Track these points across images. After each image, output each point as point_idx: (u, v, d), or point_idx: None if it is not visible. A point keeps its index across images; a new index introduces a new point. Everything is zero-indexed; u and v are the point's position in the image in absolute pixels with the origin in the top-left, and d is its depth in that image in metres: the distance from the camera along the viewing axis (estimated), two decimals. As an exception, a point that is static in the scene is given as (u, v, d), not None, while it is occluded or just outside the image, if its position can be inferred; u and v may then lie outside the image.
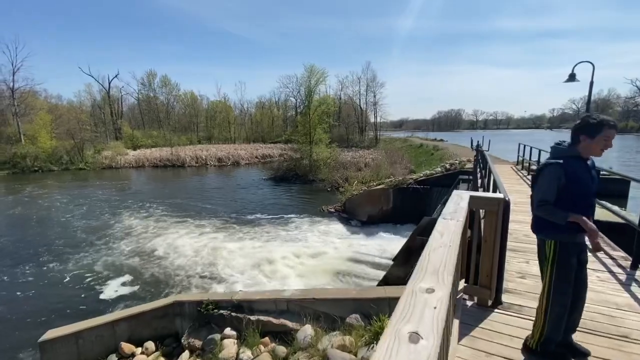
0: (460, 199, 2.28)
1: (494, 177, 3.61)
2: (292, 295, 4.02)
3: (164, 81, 62.48)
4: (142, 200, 19.98)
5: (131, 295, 8.63)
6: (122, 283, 9.32)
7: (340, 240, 12.35)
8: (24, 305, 8.13)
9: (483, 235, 2.46)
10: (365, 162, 29.51)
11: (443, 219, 1.89)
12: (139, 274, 9.77)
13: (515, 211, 4.87)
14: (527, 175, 9.96)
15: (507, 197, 2.44)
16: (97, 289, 8.98)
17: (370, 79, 52.73)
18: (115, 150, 40.65)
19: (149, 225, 14.75)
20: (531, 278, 3.11)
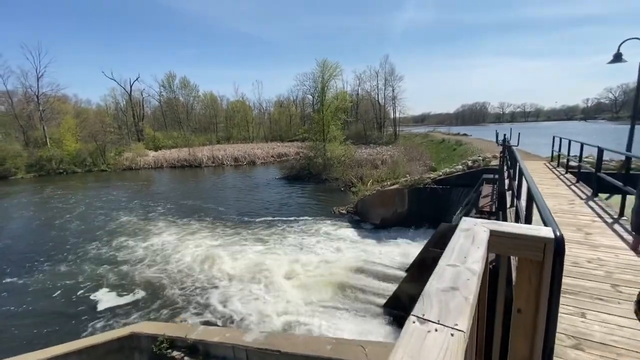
0: (471, 241, 1.25)
1: (530, 187, 2.51)
2: (255, 342, 3.11)
3: (183, 83, 63.56)
4: (152, 202, 19.81)
5: (126, 307, 8.07)
6: (117, 293, 8.81)
7: (349, 247, 11.32)
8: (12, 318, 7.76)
9: (515, 302, 1.42)
10: (382, 160, 28.21)
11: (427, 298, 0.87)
12: (134, 284, 9.23)
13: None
14: (564, 174, 8.51)
15: (559, 233, 1.36)
16: (90, 300, 8.50)
17: (388, 73, 50.93)
18: (135, 152, 41.50)
19: (149, 228, 14.35)
20: (593, 348, 1.99)
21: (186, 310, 7.66)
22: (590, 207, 5.33)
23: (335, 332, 6.51)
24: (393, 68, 50.87)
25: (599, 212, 4.93)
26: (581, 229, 4.10)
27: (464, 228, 1.39)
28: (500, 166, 6.96)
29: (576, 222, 4.41)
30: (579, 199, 5.85)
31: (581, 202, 5.56)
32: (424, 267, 6.70)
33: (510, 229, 1.36)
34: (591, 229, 4.21)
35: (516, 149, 6.07)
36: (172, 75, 61.58)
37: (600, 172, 5.65)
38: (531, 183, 2.67)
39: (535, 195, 2.26)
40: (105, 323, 7.41)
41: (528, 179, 2.89)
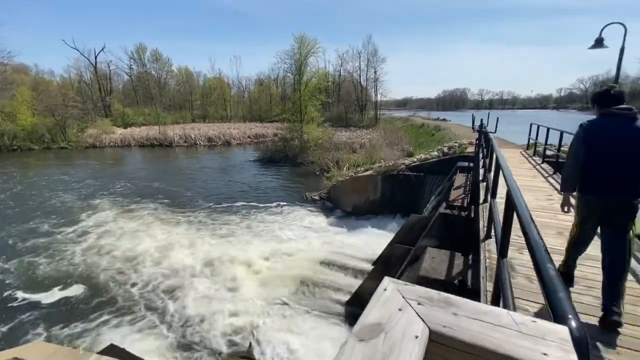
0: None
1: (514, 199, 1.79)
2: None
3: (155, 55, 59.44)
4: (110, 183, 18.32)
5: (42, 309, 7.11)
6: (60, 289, 7.81)
7: (318, 236, 10.69)
8: None
9: None
10: (361, 144, 27.55)
11: None
12: (65, 278, 8.23)
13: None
14: (540, 164, 8.10)
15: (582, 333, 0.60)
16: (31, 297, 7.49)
17: (371, 54, 49.62)
18: (101, 129, 38.75)
19: (106, 215, 13.14)
20: None
21: (118, 313, 6.82)
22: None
23: (290, 337, 5.91)
24: (376, 49, 49.62)
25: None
26: (562, 232, 3.55)
27: (372, 322, 0.64)
28: (475, 154, 6.39)
29: (556, 224, 3.86)
30: (558, 193, 5.37)
31: (560, 198, 5.07)
32: (388, 264, 6.14)
33: (477, 331, 0.62)
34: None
35: (494, 136, 5.45)
36: (142, 47, 57.39)
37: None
38: (512, 187, 1.97)
39: (522, 214, 1.55)
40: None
41: (509, 182, 2.19)
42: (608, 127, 2.39)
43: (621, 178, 2.31)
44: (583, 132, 2.46)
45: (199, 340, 6.05)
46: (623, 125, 2.33)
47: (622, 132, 2.33)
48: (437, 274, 3.05)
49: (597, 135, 2.40)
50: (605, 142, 2.37)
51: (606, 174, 2.35)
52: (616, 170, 2.33)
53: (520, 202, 1.77)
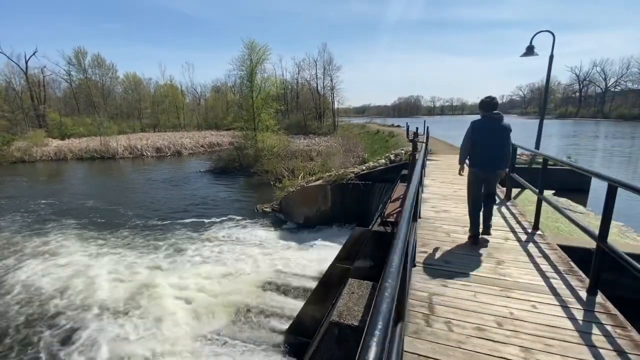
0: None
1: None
2: None
3: (96, 61, 55.20)
4: (31, 203, 16.06)
5: None
6: None
7: (265, 253, 9.95)
8: None
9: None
10: (318, 151, 27.27)
11: None
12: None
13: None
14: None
15: None
16: None
17: (327, 62, 50.02)
18: (32, 141, 34.69)
19: (17, 239, 11.30)
20: None
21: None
22: (503, 215, 4.68)
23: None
24: (331, 57, 50.45)
25: (512, 224, 4.28)
26: (492, 255, 3.29)
27: None
28: (410, 166, 6.16)
29: (489, 245, 3.65)
30: (493, 203, 5.26)
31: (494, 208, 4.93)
32: (329, 284, 5.61)
33: None
34: (503, 253, 3.44)
35: (425, 143, 5.32)
36: (82, 51, 52.97)
37: (513, 174, 5.06)
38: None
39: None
40: None
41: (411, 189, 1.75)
42: (486, 124, 3.70)
43: (492, 157, 3.67)
44: (471, 127, 3.77)
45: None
46: (494, 124, 3.67)
47: (493, 127, 3.66)
48: (352, 318, 2.53)
49: (479, 129, 3.71)
50: (483, 134, 3.69)
51: (484, 154, 3.70)
52: (489, 151, 3.66)
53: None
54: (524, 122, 62.74)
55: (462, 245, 3.81)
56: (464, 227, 4.25)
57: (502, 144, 3.63)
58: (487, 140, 3.64)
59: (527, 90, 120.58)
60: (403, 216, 1.74)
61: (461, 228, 4.30)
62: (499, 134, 3.61)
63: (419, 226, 4.37)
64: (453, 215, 4.77)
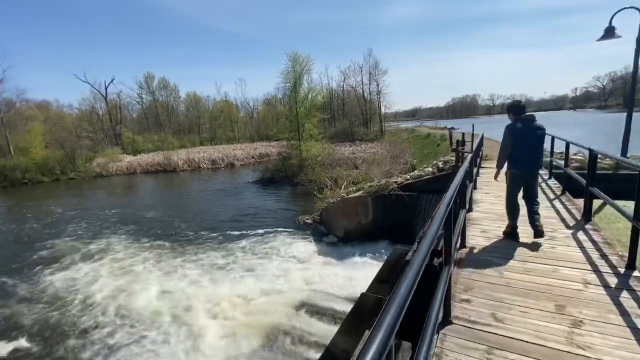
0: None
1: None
2: None
3: (162, 83, 61.24)
4: (96, 215, 17.82)
5: None
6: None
7: (303, 268, 9.59)
8: None
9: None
10: (364, 158, 26.53)
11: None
12: (18, 326, 7.40)
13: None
14: (547, 180, 6.81)
15: None
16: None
17: (372, 67, 49.05)
18: (109, 157, 39.34)
19: (76, 250, 12.44)
20: None
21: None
22: (581, 244, 3.62)
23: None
24: (377, 62, 49.05)
25: (594, 259, 3.24)
26: (565, 309, 2.42)
27: None
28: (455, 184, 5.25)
29: (558, 292, 2.71)
30: (564, 227, 4.17)
31: (566, 236, 3.88)
32: (360, 316, 4.97)
33: None
34: (582, 307, 2.50)
35: (476, 149, 4.54)
36: (150, 76, 59.24)
37: (593, 187, 3.96)
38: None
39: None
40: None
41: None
42: (522, 126, 3.87)
43: (531, 157, 3.89)
44: (510, 129, 3.93)
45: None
46: (528, 124, 3.88)
47: (528, 127, 3.86)
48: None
49: (517, 130, 3.85)
50: (521, 135, 3.85)
51: (524, 154, 3.88)
52: (529, 152, 3.87)
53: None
54: (604, 117, 54.56)
55: (522, 291, 2.80)
56: (523, 263, 3.30)
57: (539, 144, 3.89)
58: (526, 141, 3.83)
59: (607, 80, 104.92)
60: (410, 270, 1.11)
61: (519, 264, 3.31)
62: (535, 134, 3.83)
63: (464, 258, 3.57)
64: (509, 245, 3.78)
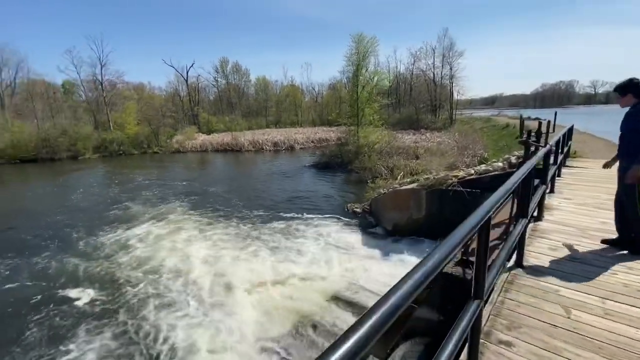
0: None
1: None
2: None
3: (235, 68, 64.87)
4: (165, 186, 19.78)
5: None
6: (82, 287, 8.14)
7: (345, 258, 9.25)
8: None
9: None
10: (427, 148, 24.73)
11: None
12: (86, 277, 8.49)
13: None
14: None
15: None
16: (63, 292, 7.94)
17: (446, 48, 44.83)
18: (186, 136, 43.48)
19: (145, 212, 13.89)
20: None
21: (112, 319, 6.53)
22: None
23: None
24: (452, 43, 44.58)
25: None
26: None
27: None
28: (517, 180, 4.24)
29: None
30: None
31: None
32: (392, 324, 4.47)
33: None
34: None
35: (558, 143, 3.58)
36: (225, 60, 63.22)
37: None
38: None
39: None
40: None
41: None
42: None
43: None
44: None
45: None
46: None
47: None
48: None
49: None
50: None
51: None
52: None
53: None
54: None
55: (594, 343, 1.98)
56: (604, 301, 2.37)
57: None
58: None
59: None
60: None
61: (598, 301, 2.37)
62: None
63: (514, 284, 2.79)
64: (586, 271, 2.86)
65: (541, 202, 4.08)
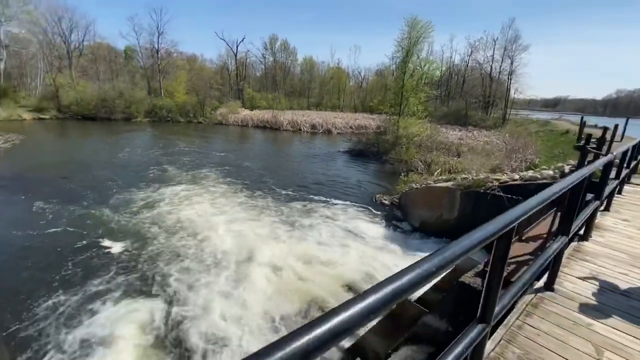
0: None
1: None
2: None
3: (283, 46, 64.79)
4: (205, 154, 20.61)
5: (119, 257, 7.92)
6: (118, 241, 8.79)
7: (365, 249, 9.05)
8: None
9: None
10: (471, 146, 23.31)
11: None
12: (123, 231, 9.11)
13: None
14: None
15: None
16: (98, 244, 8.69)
17: (509, 40, 41.04)
18: (230, 109, 44.75)
19: (179, 176, 14.62)
20: None
21: (143, 283, 6.98)
22: None
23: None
24: (517, 35, 40.65)
25: None
26: None
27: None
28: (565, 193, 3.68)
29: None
30: None
31: None
32: (397, 322, 4.25)
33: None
34: None
35: (604, 158, 2.97)
36: (274, 37, 63.24)
37: None
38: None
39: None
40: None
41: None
42: None
43: None
44: None
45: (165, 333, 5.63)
46: None
47: None
48: None
49: None
50: None
51: None
52: None
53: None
54: None
55: None
56: None
57: None
58: None
59: None
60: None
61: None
62: None
63: (539, 309, 2.43)
64: (635, 308, 2.39)
65: (591, 219, 3.56)
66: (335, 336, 0.64)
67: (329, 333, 0.62)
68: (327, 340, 0.61)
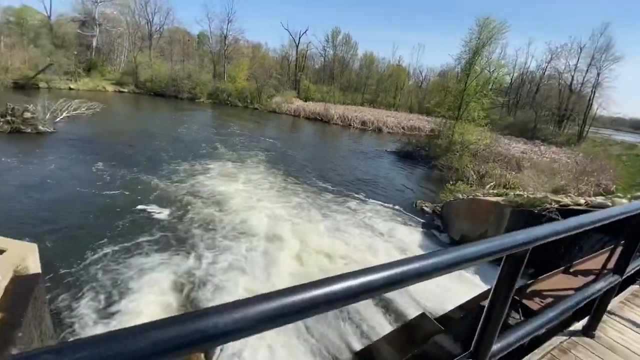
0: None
1: None
2: None
3: (345, 39, 64.29)
4: (255, 138, 21.41)
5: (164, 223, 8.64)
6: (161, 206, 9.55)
7: (397, 255, 8.68)
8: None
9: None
10: (534, 162, 21.21)
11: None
12: (180, 207, 9.80)
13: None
14: None
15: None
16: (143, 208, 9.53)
17: (599, 49, 36.12)
18: (284, 98, 45.87)
19: (227, 155, 15.39)
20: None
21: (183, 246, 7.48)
22: None
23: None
24: (610, 43, 35.61)
25: None
26: None
27: None
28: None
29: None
30: None
31: None
32: (411, 335, 3.97)
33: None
34: None
35: None
36: (337, 30, 62.99)
37: None
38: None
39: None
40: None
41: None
42: None
43: None
44: None
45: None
46: None
47: None
48: None
49: None
50: None
51: None
52: None
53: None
54: None
55: None
56: None
57: None
58: None
59: None
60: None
61: None
62: None
63: (569, 355, 2.03)
64: None
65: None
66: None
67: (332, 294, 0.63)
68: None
